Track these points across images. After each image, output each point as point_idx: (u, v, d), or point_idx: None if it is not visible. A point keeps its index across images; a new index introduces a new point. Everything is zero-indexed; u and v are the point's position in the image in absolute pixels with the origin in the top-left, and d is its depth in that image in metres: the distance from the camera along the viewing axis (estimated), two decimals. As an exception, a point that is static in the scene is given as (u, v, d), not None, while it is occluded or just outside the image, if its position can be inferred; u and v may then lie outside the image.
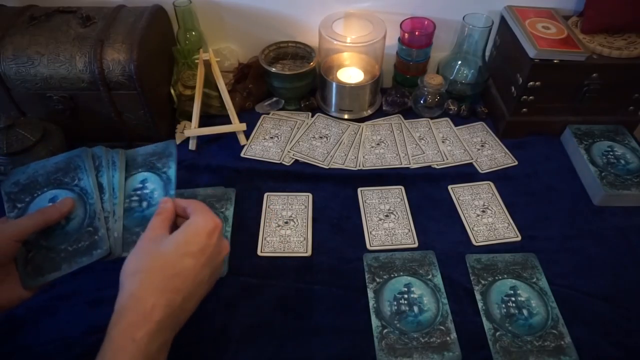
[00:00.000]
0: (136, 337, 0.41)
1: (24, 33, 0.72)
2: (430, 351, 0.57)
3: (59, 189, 0.54)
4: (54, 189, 0.54)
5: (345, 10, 0.88)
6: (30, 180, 0.55)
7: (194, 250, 0.47)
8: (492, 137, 0.86)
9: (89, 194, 0.54)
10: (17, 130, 0.69)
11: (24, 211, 0.53)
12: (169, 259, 0.46)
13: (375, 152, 0.82)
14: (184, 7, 0.81)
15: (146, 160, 0.58)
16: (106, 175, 0.55)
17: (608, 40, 0.78)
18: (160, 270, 0.45)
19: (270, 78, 0.86)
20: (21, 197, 0.54)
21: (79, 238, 0.52)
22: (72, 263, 0.51)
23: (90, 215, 0.53)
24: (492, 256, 0.67)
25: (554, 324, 0.59)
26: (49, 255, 0.51)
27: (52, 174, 0.55)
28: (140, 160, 0.58)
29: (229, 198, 0.73)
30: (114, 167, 0.56)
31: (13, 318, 0.59)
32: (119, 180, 0.55)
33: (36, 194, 0.54)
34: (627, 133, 0.83)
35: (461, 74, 0.89)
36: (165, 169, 0.57)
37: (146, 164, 0.58)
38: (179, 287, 0.45)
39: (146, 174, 0.57)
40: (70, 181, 0.55)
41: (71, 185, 0.54)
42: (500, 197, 0.75)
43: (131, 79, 0.71)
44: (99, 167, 0.56)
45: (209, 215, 0.50)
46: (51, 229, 0.51)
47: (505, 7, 0.85)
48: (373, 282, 0.64)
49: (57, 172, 0.55)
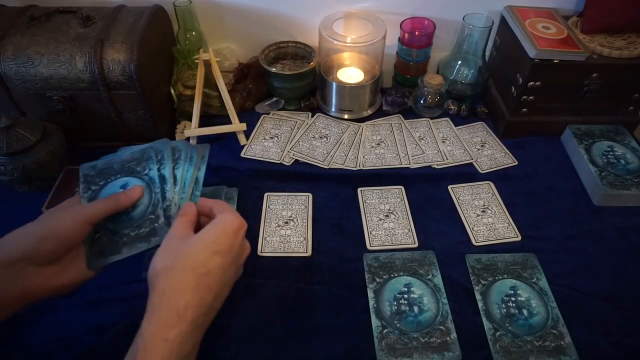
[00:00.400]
0: (169, 337, 0.40)
1: (24, 33, 0.72)
2: (430, 351, 0.56)
3: (131, 176, 0.57)
4: (126, 176, 0.57)
5: (345, 10, 0.88)
6: (106, 166, 0.58)
7: (223, 248, 0.47)
8: (492, 137, 0.86)
9: (155, 184, 0.56)
10: (17, 130, 0.69)
11: (96, 194, 0.55)
12: (199, 257, 0.46)
13: (375, 152, 0.82)
14: (184, 7, 0.81)
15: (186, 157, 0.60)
16: (182, 169, 0.57)
17: (608, 40, 0.78)
18: (192, 268, 0.45)
19: (270, 78, 0.86)
20: (96, 180, 0.56)
21: (141, 224, 0.53)
22: (132, 248, 0.52)
23: (153, 203, 0.55)
24: (492, 256, 0.67)
25: (554, 324, 0.59)
26: (113, 239, 0.53)
27: (127, 163, 0.58)
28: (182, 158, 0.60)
29: (231, 198, 0.73)
30: (191, 162, 0.57)
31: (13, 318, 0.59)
32: (191, 175, 0.57)
33: (110, 179, 0.57)
34: (627, 133, 0.83)
35: (461, 74, 0.89)
36: (198, 171, 0.58)
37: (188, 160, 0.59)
38: (210, 286, 0.45)
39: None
40: (141, 170, 0.57)
41: (142, 174, 0.57)
42: (500, 197, 0.75)
43: (131, 79, 0.71)
44: (177, 159, 0.58)
45: (235, 214, 0.50)
46: (119, 213, 0.54)
47: (505, 7, 0.85)
48: (373, 282, 0.64)
49: (131, 161, 0.58)
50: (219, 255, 0.46)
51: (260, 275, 0.65)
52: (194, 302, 0.43)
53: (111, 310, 0.60)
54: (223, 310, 0.60)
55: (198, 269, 0.45)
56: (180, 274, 0.44)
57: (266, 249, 0.68)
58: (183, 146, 0.59)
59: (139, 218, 0.54)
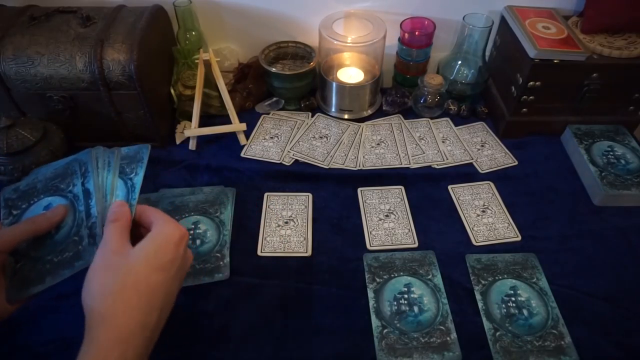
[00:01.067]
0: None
1: (24, 33, 0.72)
2: (431, 351, 0.56)
3: (55, 195, 0.51)
4: (50, 195, 0.51)
5: (345, 10, 0.88)
6: (29, 187, 0.53)
7: (164, 262, 0.43)
8: (492, 137, 0.86)
9: (79, 200, 0.50)
10: (17, 130, 0.69)
11: (19, 218, 0.50)
12: (141, 274, 0.41)
13: (375, 152, 0.82)
14: (184, 7, 0.81)
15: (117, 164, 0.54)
16: (100, 177, 0.51)
17: (608, 40, 0.78)
18: (133, 287, 0.41)
19: (270, 78, 0.86)
20: (18, 204, 0.51)
21: (65, 248, 0.48)
22: (55, 275, 0.47)
23: (77, 223, 0.49)
24: (492, 256, 0.67)
25: (554, 324, 0.59)
26: (36, 267, 0.47)
27: (50, 180, 0.52)
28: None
29: (227, 199, 0.73)
30: (109, 168, 0.52)
31: (13, 318, 0.59)
32: (111, 182, 0.51)
33: (33, 200, 0.51)
34: (627, 133, 0.83)
35: (461, 74, 0.89)
36: (133, 175, 0.52)
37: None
38: (154, 305, 0.41)
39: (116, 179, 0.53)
40: (65, 187, 0.51)
41: (66, 191, 0.51)
42: (500, 197, 0.75)
43: (131, 79, 0.71)
44: (93, 169, 0.52)
45: (175, 225, 0.46)
46: (42, 238, 0.48)
47: (505, 7, 0.85)
48: (373, 282, 0.64)
49: (55, 179, 0.52)
50: (162, 270, 0.43)
51: (260, 275, 0.65)
52: (137, 327, 0.39)
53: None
54: (223, 310, 0.61)
55: (140, 287, 0.41)
56: (121, 296, 0.40)
57: (266, 249, 0.68)
58: (101, 152, 0.53)
59: (62, 241, 0.48)
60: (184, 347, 0.57)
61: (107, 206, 0.49)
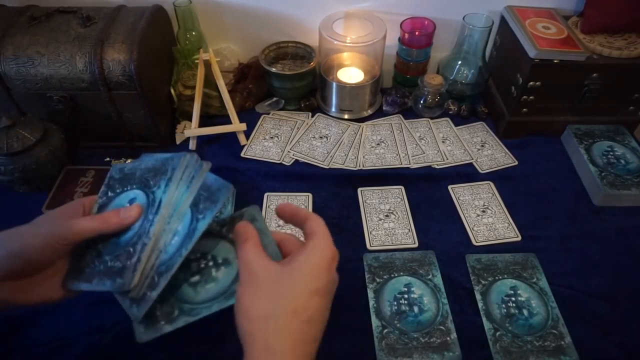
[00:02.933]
0: None
1: (24, 33, 0.72)
2: (431, 351, 0.56)
3: (142, 189, 0.46)
4: (139, 188, 0.46)
5: (345, 10, 0.88)
6: (131, 171, 0.48)
7: (321, 286, 0.39)
8: (492, 137, 0.86)
9: (153, 207, 0.44)
10: (17, 130, 0.69)
11: (110, 201, 0.46)
12: (300, 299, 0.38)
13: (375, 152, 0.82)
14: (184, 7, 0.81)
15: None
16: (176, 193, 0.44)
17: (608, 40, 0.78)
18: (294, 314, 0.37)
19: (270, 78, 0.86)
20: (115, 187, 0.48)
21: (119, 255, 0.42)
22: (99, 282, 0.42)
23: (139, 233, 0.43)
24: (492, 256, 0.67)
25: (554, 324, 0.59)
26: (94, 262, 0.44)
27: (147, 172, 0.47)
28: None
29: (227, 199, 0.73)
30: (188, 186, 0.45)
31: (13, 318, 0.59)
32: (180, 206, 0.44)
33: (126, 188, 0.47)
34: (627, 133, 0.83)
35: (461, 74, 0.89)
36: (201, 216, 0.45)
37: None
38: (315, 335, 0.39)
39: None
40: (152, 184, 0.46)
41: (151, 189, 0.45)
42: (501, 197, 0.75)
43: (131, 79, 0.71)
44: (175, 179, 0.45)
45: (329, 241, 0.41)
46: (112, 234, 0.44)
47: (505, 7, 0.85)
48: (373, 282, 0.64)
49: (150, 171, 0.47)
50: (319, 294, 0.39)
51: (260, 275, 0.65)
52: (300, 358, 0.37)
53: (111, 310, 0.60)
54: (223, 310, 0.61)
55: (300, 315, 0.37)
56: (283, 323, 0.37)
57: (266, 249, 0.68)
58: (192, 162, 0.46)
59: (123, 245, 0.43)
60: (185, 347, 0.57)
61: (165, 229, 0.43)
